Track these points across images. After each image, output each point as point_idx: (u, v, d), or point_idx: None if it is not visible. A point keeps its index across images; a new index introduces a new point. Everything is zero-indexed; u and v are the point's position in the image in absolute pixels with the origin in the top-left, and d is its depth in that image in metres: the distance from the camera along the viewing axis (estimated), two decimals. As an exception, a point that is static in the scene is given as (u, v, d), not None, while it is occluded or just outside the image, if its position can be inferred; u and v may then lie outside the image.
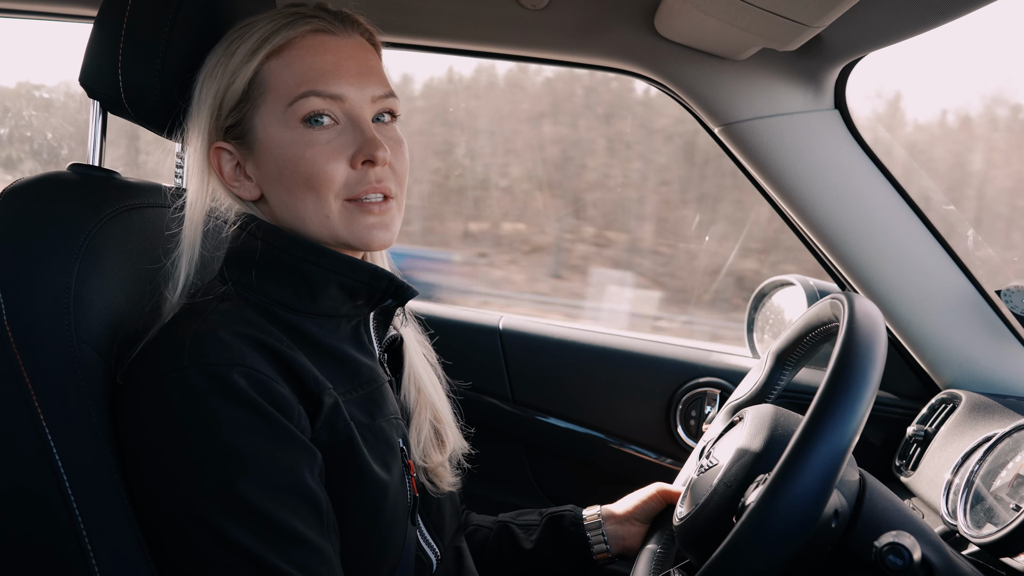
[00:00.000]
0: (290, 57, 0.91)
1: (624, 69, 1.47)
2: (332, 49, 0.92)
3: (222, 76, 0.91)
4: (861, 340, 0.78)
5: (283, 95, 0.91)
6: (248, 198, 0.95)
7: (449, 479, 1.10)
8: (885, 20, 1.13)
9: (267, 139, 0.92)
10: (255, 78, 0.91)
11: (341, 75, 0.91)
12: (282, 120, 0.91)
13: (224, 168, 0.94)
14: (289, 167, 0.91)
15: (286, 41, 0.91)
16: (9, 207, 0.88)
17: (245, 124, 0.93)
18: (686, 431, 1.66)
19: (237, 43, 0.92)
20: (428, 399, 1.09)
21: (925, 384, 1.51)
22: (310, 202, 0.91)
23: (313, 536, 0.82)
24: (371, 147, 0.90)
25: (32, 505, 0.80)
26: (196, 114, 0.93)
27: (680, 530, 0.97)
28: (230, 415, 0.80)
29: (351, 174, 0.91)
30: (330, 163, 0.90)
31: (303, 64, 0.91)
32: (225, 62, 0.92)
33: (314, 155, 0.90)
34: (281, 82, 0.91)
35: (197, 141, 0.94)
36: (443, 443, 1.10)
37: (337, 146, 0.91)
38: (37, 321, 0.83)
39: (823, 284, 1.68)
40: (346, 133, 0.92)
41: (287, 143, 0.91)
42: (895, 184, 1.40)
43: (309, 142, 0.90)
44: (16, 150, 2.86)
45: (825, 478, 0.71)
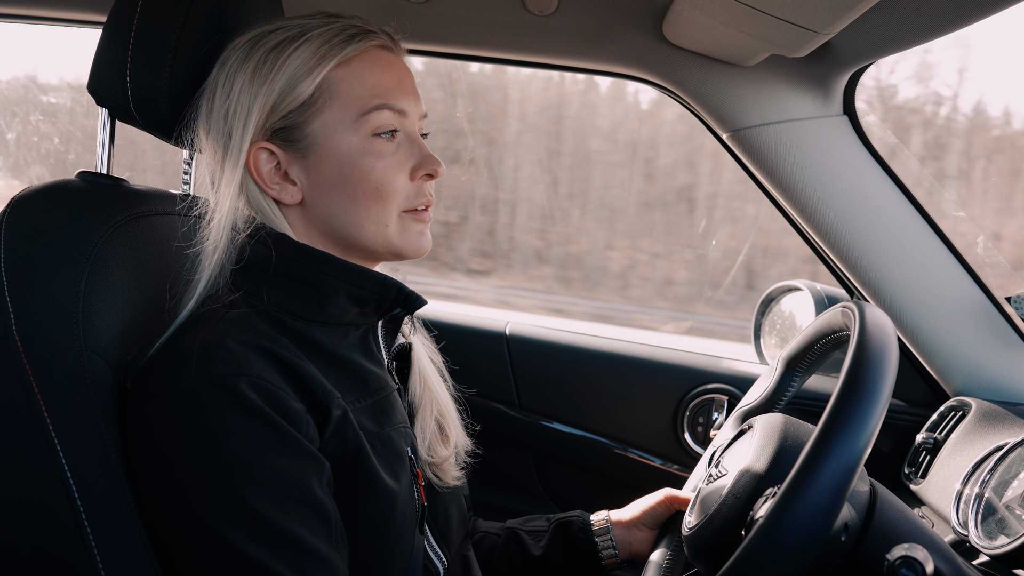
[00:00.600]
0: (360, 69, 0.92)
1: (632, 75, 1.46)
2: (395, 66, 0.96)
3: (276, 78, 0.90)
4: (872, 352, 0.77)
5: (353, 105, 0.92)
6: (288, 202, 0.94)
7: (454, 473, 1.10)
8: (894, 27, 1.13)
9: (331, 145, 0.92)
10: (322, 84, 0.91)
11: (405, 92, 0.95)
12: (351, 129, 0.92)
13: (262, 169, 0.93)
14: (357, 175, 0.92)
15: (356, 53, 0.92)
16: (18, 216, 0.88)
17: (303, 128, 0.92)
18: (694, 437, 1.66)
19: (288, 46, 0.90)
20: (433, 394, 1.10)
21: (934, 391, 1.50)
22: (373, 211, 0.93)
23: (321, 546, 0.82)
24: (432, 163, 0.96)
25: (41, 515, 0.80)
26: (234, 113, 0.91)
27: (689, 540, 0.96)
28: (238, 425, 0.80)
29: (410, 187, 0.95)
30: (397, 175, 0.94)
31: (373, 77, 0.93)
32: (275, 64, 0.90)
33: (385, 166, 0.93)
34: (351, 92, 0.92)
35: (236, 140, 0.91)
36: (447, 437, 1.10)
37: (400, 159, 0.95)
38: (46, 330, 0.83)
39: (831, 290, 1.67)
40: (404, 147, 0.95)
41: (356, 152, 0.92)
42: (904, 190, 1.39)
43: (379, 154, 0.93)
44: (24, 156, 2.87)
45: (835, 493, 0.71)
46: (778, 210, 1.51)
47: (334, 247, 0.96)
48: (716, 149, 1.45)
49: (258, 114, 0.91)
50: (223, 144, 0.92)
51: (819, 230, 1.41)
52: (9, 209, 0.89)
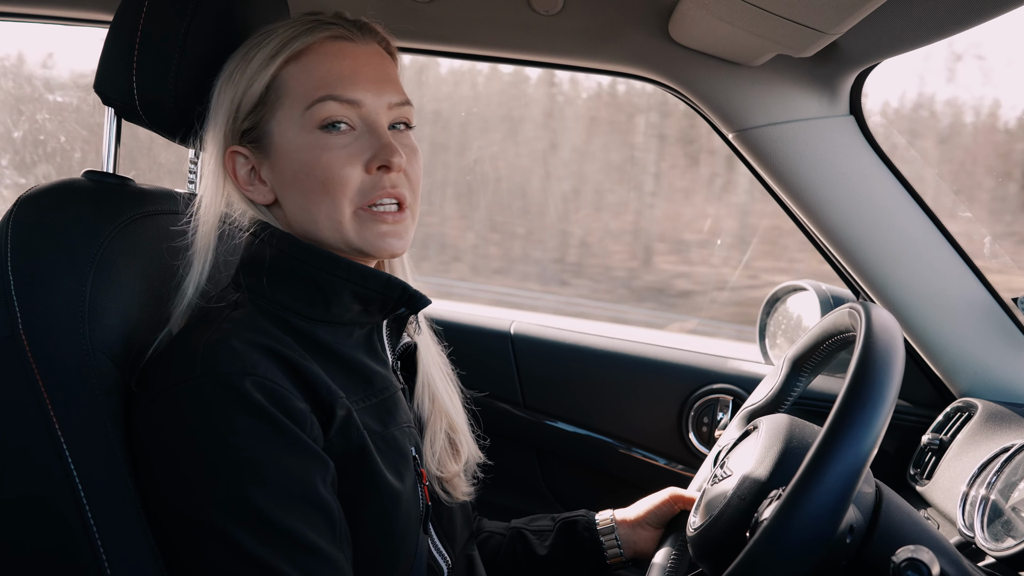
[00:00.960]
0: (308, 62, 0.92)
1: (637, 74, 1.46)
2: (350, 55, 0.93)
3: (239, 81, 0.92)
4: (879, 353, 0.77)
5: (300, 99, 0.91)
6: (262, 202, 0.96)
7: (464, 488, 1.10)
8: (902, 27, 1.13)
9: (283, 143, 0.92)
10: (273, 82, 0.92)
11: (359, 81, 0.92)
12: (299, 124, 0.91)
13: (239, 172, 0.95)
14: (304, 171, 0.91)
15: (305, 47, 0.92)
16: (24, 215, 0.89)
17: (261, 128, 0.93)
18: (698, 437, 1.65)
19: (255, 49, 0.92)
20: (443, 408, 1.09)
21: (940, 392, 1.50)
22: (324, 207, 0.91)
23: (325, 545, 0.82)
24: (387, 152, 0.91)
25: (46, 514, 0.80)
26: (212, 119, 0.94)
27: (694, 541, 0.96)
28: (242, 424, 0.80)
29: (366, 179, 0.91)
30: (345, 168, 0.90)
31: (321, 69, 0.91)
32: (243, 67, 0.92)
33: (330, 159, 0.90)
34: (299, 87, 0.91)
35: (213, 145, 0.94)
36: (458, 452, 1.10)
37: (353, 151, 0.91)
38: (52, 329, 0.83)
39: (837, 290, 1.67)
40: (362, 139, 0.92)
41: (303, 147, 0.91)
42: (910, 190, 1.39)
43: (325, 146, 0.90)
44: (30, 154, 2.88)
45: (841, 496, 0.71)
46: (784, 210, 1.51)
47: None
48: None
49: (224, 117, 0.93)
50: (208, 148, 0.95)
51: (825, 230, 1.40)
52: (16, 208, 0.89)
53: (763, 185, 1.49)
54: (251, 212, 0.96)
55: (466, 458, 1.11)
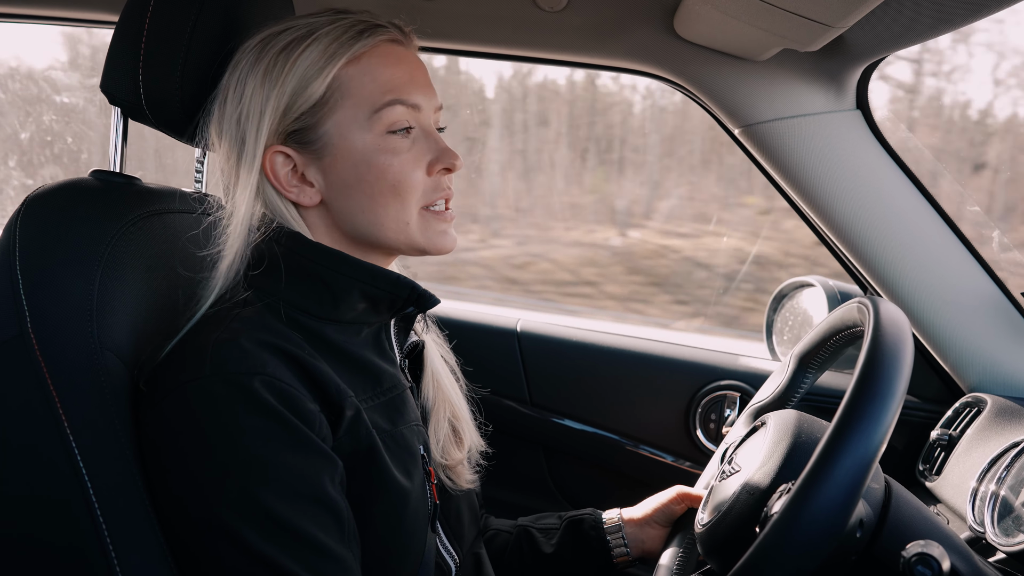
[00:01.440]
0: (370, 65, 0.91)
1: (643, 71, 1.46)
2: (406, 60, 0.94)
3: (286, 79, 0.89)
4: (887, 347, 0.77)
5: (365, 102, 0.91)
6: (307, 204, 0.94)
7: (467, 476, 1.10)
8: (908, 20, 1.12)
9: (346, 145, 0.91)
10: (332, 83, 0.90)
11: (417, 86, 0.94)
12: (365, 127, 0.91)
13: (279, 172, 0.92)
14: (373, 173, 0.91)
15: (366, 49, 0.91)
16: (32, 214, 0.89)
17: (316, 129, 0.91)
18: (706, 434, 1.65)
19: (297, 46, 0.89)
20: (446, 396, 1.10)
21: (949, 387, 1.49)
22: (393, 209, 0.92)
23: (333, 544, 0.82)
24: (449, 156, 0.95)
25: (56, 512, 0.80)
26: (247, 118, 0.90)
27: (702, 537, 0.96)
28: (251, 424, 0.80)
29: (428, 181, 0.94)
30: (414, 170, 0.93)
31: (384, 73, 0.92)
32: (285, 65, 0.89)
33: (401, 163, 0.92)
34: (362, 89, 0.91)
35: (250, 144, 0.91)
36: (461, 440, 1.10)
37: (416, 154, 0.94)
38: (60, 328, 0.84)
39: (844, 286, 1.66)
40: (419, 142, 0.94)
41: (371, 150, 0.91)
42: (918, 185, 1.38)
43: (394, 150, 0.92)
44: (37, 154, 2.89)
45: (851, 489, 0.70)
46: (790, 205, 1.50)
47: (355, 246, 0.96)
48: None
49: (271, 117, 0.90)
50: (237, 149, 0.91)
51: (832, 225, 1.40)
52: (24, 208, 0.89)
53: (770, 180, 1.48)
54: (260, 211, 0.94)
55: (469, 446, 1.11)
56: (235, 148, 0.92)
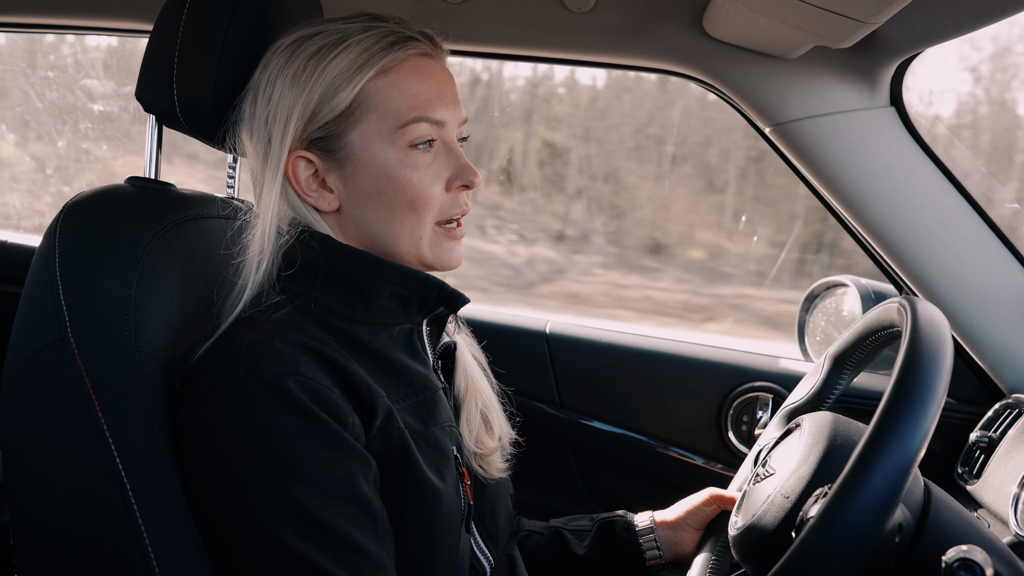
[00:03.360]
0: (398, 79, 0.92)
1: (672, 70, 1.45)
2: (435, 75, 0.94)
3: (315, 85, 0.90)
4: (927, 348, 0.75)
5: (391, 116, 0.91)
6: (325, 209, 0.95)
7: (499, 465, 1.10)
8: (944, 14, 1.10)
9: (368, 157, 0.92)
10: (360, 94, 0.91)
11: (445, 102, 0.94)
12: (388, 141, 0.91)
13: (300, 177, 0.93)
14: (393, 187, 0.92)
15: (396, 63, 0.91)
16: (71, 221, 0.91)
17: (340, 138, 0.92)
18: (738, 436, 1.63)
19: (328, 52, 0.90)
20: (477, 387, 1.10)
21: (987, 388, 1.46)
22: (408, 223, 0.93)
23: (368, 543, 0.83)
24: (469, 173, 0.95)
25: (96, 515, 0.81)
26: (273, 121, 0.91)
27: (736, 540, 0.95)
28: (285, 424, 0.81)
29: (446, 198, 0.95)
30: (433, 186, 0.93)
31: (412, 88, 0.92)
32: (315, 71, 0.90)
33: (421, 178, 0.92)
34: (389, 103, 0.91)
35: (275, 147, 0.92)
36: (491, 429, 1.10)
37: (436, 170, 0.94)
38: (99, 332, 0.85)
39: (878, 285, 1.64)
40: (441, 157, 0.95)
41: (392, 164, 0.92)
42: (955, 182, 1.36)
43: (415, 165, 0.92)
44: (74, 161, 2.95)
45: (890, 493, 0.69)
46: (823, 205, 1.49)
47: None
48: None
49: (296, 123, 0.91)
50: (264, 150, 0.93)
51: (867, 224, 1.38)
52: (63, 215, 0.91)
53: (801, 180, 1.46)
54: (291, 215, 0.95)
55: (500, 434, 1.11)
56: (262, 148, 0.93)
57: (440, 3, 1.40)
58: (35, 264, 0.89)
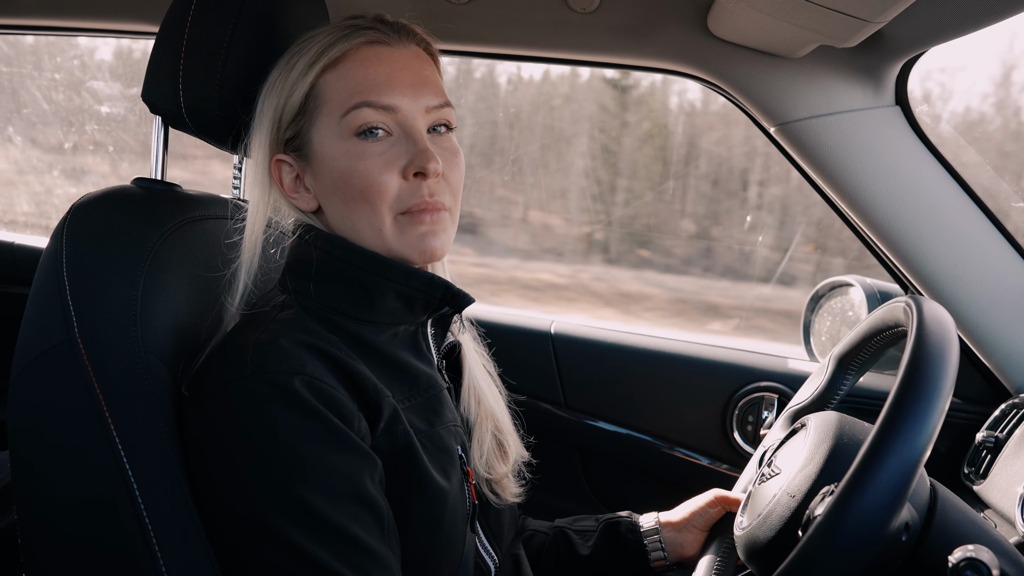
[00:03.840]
0: (345, 69, 0.92)
1: (676, 70, 1.45)
2: (386, 60, 0.93)
3: (281, 90, 0.94)
4: (933, 347, 0.75)
5: (337, 107, 0.92)
6: (307, 209, 0.97)
7: (513, 490, 1.10)
8: (949, 13, 1.10)
9: (323, 151, 0.93)
10: (312, 91, 0.93)
11: (394, 86, 0.92)
12: (336, 132, 0.92)
13: (285, 180, 0.97)
14: (344, 179, 0.92)
15: (342, 53, 0.92)
16: (78, 222, 0.91)
17: (303, 137, 0.94)
18: (743, 437, 1.63)
19: (296, 57, 0.94)
20: (489, 410, 1.09)
21: (993, 387, 1.46)
22: (365, 214, 0.92)
23: (374, 543, 0.83)
24: (423, 159, 0.90)
25: (103, 513, 0.82)
26: (257, 127, 0.96)
27: (742, 540, 0.95)
28: (292, 423, 0.81)
29: (403, 186, 0.91)
30: (383, 175, 0.90)
31: (357, 76, 0.92)
32: (284, 76, 0.94)
33: (367, 167, 0.90)
34: (336, 94, 0.92)
35: (258, 153, 0.96)
36: (506, 454, 1.10)
37: (390, 158, 0.91)
38: (106, 332, 0.85)
39: (883, 285, 1.63)
40: (399, 144, 0.92)
41: (341, 155, 0.92)
42: (960, 181, 1.35)
43: (362, 154, 0.91)
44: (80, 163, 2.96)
45: (896, 492, 0.69)
46: (828, 204, 1.48)
47: None
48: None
49: (268, 126, 0.95)
50: (254, 155, 0.97)
51: (872, 224, 1.37)
52: (70, 216, 0.92)
53: (806, 179, 1.46)
54: (295, 216, 0.98)
55: (514, 459, 1.11)
56: (251, 155, 0.97)
57: (445, 3, 1.40)
58: (42, 265, 0.89)
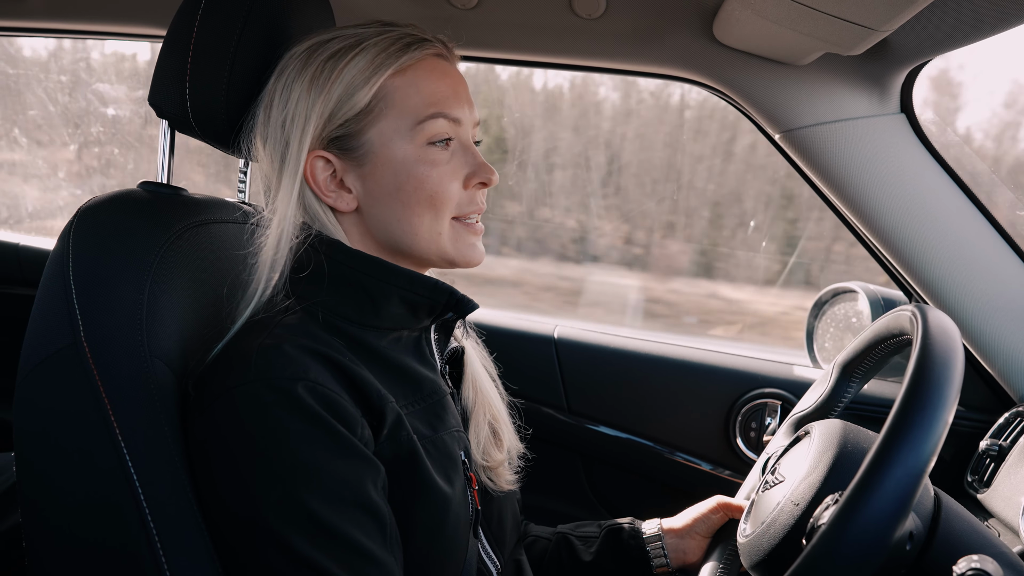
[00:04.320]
0: (415, 78, 0.93)
1: (682, 76, 1.45)
2: (450, 75, 0.97)
3: (333, 86, 0.91)
4: (938, 356, 0.75)
5: (409, 113, 0.93)
6: (343, 209, 0.96)
7: (508, 477, 1.10)
8: (955, 22, 1.10)
9: (387, 154, 0.93)
10: (378, 93, 0.92)
11: (460, 100, 0.96)
12: (407, 137, 0.93)
13: (318, 177, 0.94)
14: (412, 183, 0.93)
15: (412, 62, 0.93)
16: (84, 226, 0.91)
17: (359, 136, 0.93)
18: (746, 443, 1.63)
19: (345, 55, 0.92)
20: (486, 399, 1.10)
21: (997, 396, 1.45)
22: (427, 219, 0.94)
23: (376, 549, 0.83)
24: (486, 171, 0.97)
25: (107, 517, 0.82)
26: (291, 122, 0.92)
27: (745, 548, 0.95)
28: (295, 428, 0.81)
29: (463, 195, 0.96)
30: (451, 183, 0.95)
31: (430, 86, 0.94)
32: (332, 73, 0.91)
33: (439, 175, 0.94)
34: (407, 101, 0.93)
35: (294, 149, 0.92)
36: (500, 441, 1.11)
37: (454, 167, 0.95)
38: (112, 336, 0.85)
39: (887, 292, 1.63)
40: (458, 155, 0.96)
41: (412, 160, 0.93)
42: (965, 189, 1.35)
43: (434, 162, 0.94)
44: (85, 166, 2.97)
45: (901, 500, 0.69)
46: (832, 211, 1.48)
47: (387, 254, 0.97)
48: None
49: (316, 123, 0.92)
50: (280, 153, 0.93)
51: (876, 231, 1.37)
52: (76, 219, 0.92)
53: (810, 186, 1.46)
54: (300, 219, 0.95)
55: (508, 446, 1.12)
56: (278, 152, 0.94)
57: (451, 9, 1.41)
58: (48, 267, 0.90)
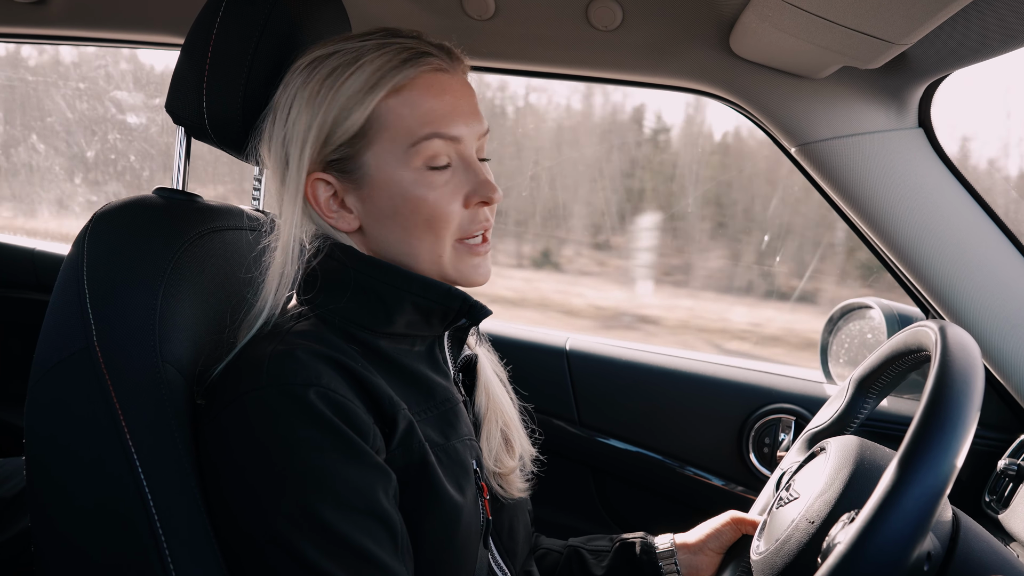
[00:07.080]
0: (411, 97, 0.90)
1: (698, 89, 1.45)
2: (449, 89, 0.92)
3: (329, 107, 0.89)
4: (958, 373, 0.74)
5: (403, 135, 0.90)
6: (345, 230, 0.94)
7: (519, 485, 1.09)
8: (975, 36, 1.09)
9: (383, 177, 0.91)
10: (372, 115, 0.90)
11: (458, 116, 0.92)
12: (402, 160, 0.91)
13: (320, 198, 0.93)
14: (408, 207, 0.91)
15: (407, 80, 0.90)
16: (100, 231, 0.92)
17: (355, 160, 0.91)
18: (759, 459, 1.61)
19: (342, 73, 0.89)
20: (498, 405, 1.09)
21: (1015, 414, 1.43)
22: (427, 242, 0.92)
23: (387, 557, 0.82)
24: (487, 189, 0.93)
25: (116, 523, 0.82)
26: (292, 142, 0.91)
27: (759, 565, 0.93)
28: (306, 435, 0.81)
29: (464, 214, 0.93)
30: (450, 205, 0.92)
31: (424, 105, 0.90)
32: (329, 93, 0.89)
33: (437, 198, 0.91)
34: (401, 122, 0.90)
35: (293, 170, 0.92)
36: (512, 449, 1.09)
37: (453, 187, 0.92)
38: (124, 342, 0.86)
39: (903, 308, 1.62)
40: (459, 173, 0.93)
41: (407, 183, 0.91)
42: (983, 204, 1.34)
43: (431, 184, 0.91)
44: (101, 172, 3.00)
45: (920, 520, 0.68)
46: (848, 226, 1.47)
47: None
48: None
49: (313, 145, 0.90)
50: (282, 171, 0.93)
51: (893, 246, 1.36)
52: (91, 224, 0.92)
53: (827, 200, 1.45)
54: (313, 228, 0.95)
55: (520, 453, 1.10)
56: (280, 170, 0.93)
57: (467, 19, 1.41)
58: (63, 273, 0.90)
